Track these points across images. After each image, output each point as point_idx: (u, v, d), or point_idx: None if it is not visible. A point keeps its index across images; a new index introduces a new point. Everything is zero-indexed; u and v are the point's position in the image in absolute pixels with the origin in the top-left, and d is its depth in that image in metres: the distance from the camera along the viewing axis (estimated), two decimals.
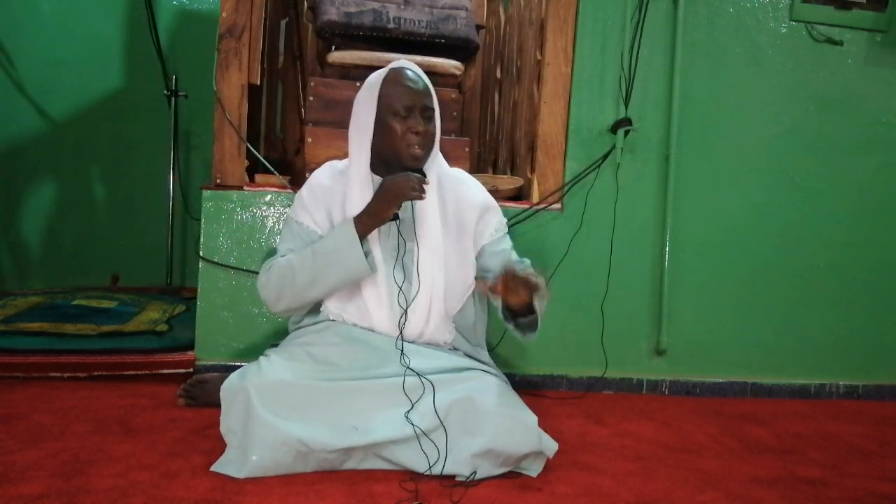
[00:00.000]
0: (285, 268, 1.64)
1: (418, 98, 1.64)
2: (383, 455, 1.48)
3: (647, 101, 2.30)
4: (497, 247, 1.75)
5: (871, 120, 2.45)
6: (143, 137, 3.39)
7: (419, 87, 1.65)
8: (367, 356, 1.60)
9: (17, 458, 1.42)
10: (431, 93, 1.68)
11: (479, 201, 1.76)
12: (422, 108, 1.64)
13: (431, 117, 1.67)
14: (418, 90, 1.65)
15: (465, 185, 1.77)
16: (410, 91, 1.64)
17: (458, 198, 1.74)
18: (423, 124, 1.64)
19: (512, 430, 1.45)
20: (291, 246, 1.70)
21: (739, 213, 2.39)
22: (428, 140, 1.66)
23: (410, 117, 1.63)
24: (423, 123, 1.64)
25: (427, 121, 1.65)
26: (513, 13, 2.70)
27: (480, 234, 1.75)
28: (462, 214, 1.73)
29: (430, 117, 1.66)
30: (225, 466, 1.42)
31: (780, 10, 2.37)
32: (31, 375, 1.98)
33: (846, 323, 2.47)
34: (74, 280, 3.26)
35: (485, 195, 1.79)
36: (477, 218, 1.74)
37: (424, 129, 1.64)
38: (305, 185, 1.75)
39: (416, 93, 1.64)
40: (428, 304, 1.66)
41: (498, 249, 1.75)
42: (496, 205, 1.81)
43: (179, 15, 3.42)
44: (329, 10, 2.30)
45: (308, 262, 1.62)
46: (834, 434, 2.04)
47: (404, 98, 1.63)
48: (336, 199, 1.69)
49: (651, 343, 2.36)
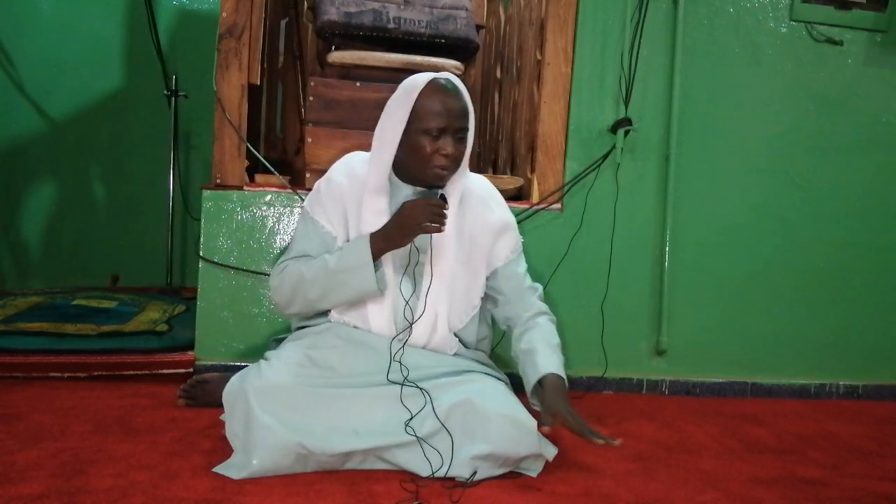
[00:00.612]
0: (297, 278, 1.62)
1: (453, 119, 1.55)
2: (384, 457, 1.48)
3: (647, 101, 2.30)
4: (511, 270, 1.73)
5: (871, 120, 2.45)
6: (143, 137, 3.39)
7: (456, 108, 1.56)
8: (367, 360, 1.59)
9: (17, 458, 1.42)
10: (468, 112, 1.60)
11: (498, 223, 1.70)
12: (455, 129, 1.56)
13: (464, 138, 1.59)
14: (455, 111, 1.56)
15: (485, 206, 1.70)
16: (446, 111, 1.55)
17: (477, 218, 1.69)
18: (454, 146, 1.57)
19: (512, 434, 1.45)
20: (305, 247, 1.66)
21: (739, 213, 2.39)
22: (456, 162, 1.59)
23: (442, 138, 1.56)
24: (453, 145, 1.57)
25: (459, 142, 1.58)
26: (513, 13, 2.70)
27: (496, 257, 1.71)
28: (478, 235, 1.69)
29: (462, 138, 1.59)
30: (227, 469, 1.42)
31: (780, 10, 2.37)
32: (31, 375, 1.98)
33: (846, 323, 2.47)
34: (74, 280, 3.26)
35: (504, 215, 1.73)
36: (493, 240, 1.70)
37: (454, 151, 1.57)
38: (323, 180, 1.71)
39: (452, 113, 1.56)
40: (433, 322, 1.65)
41: (511, 273, 1.73)
42: (514, 224, 1.75)
43: (179, 15, 3.42)
44: (329, 10, 2.30)
45: (320, 277, 1.60)
46: (834, 434, 2.04)
47: (439, 119, 1.54)
48: (352, 202, 1.65)
49: (651, 343, 2.36)
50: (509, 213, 1.76)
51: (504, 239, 1.72)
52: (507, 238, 1.72)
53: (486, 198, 1.72)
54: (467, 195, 1.69)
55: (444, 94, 1.56)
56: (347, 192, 1.66)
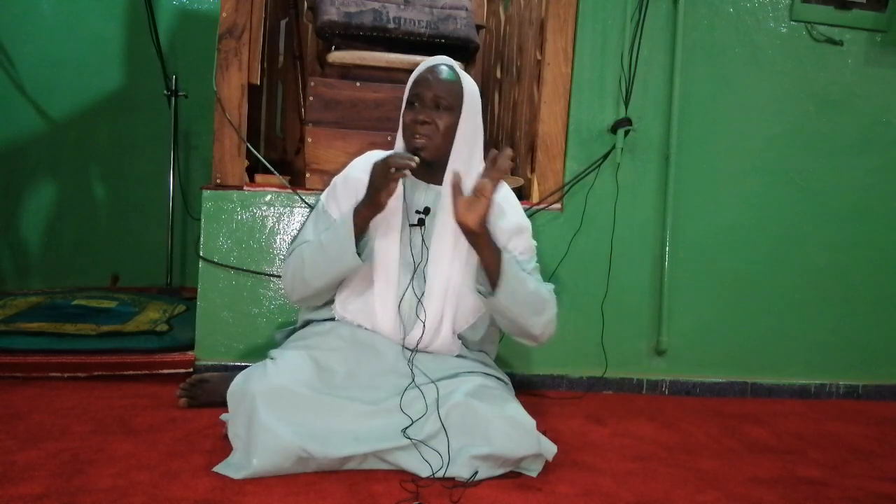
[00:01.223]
0: (297, 260, 1.65)
1: (430, 88, 1.59)
2: (385, 458, 1.47)
3: (647, 101, 2.30)
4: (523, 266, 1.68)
5: (871, 120, 2.45)
6: (143, 137, 3.38)
7: (434, 80, 1.59)
8: (371, 363, 1.59)
9: (17, 458, 1.42)
10: (454, 88, 1.60)
11: (510, 227, 1.66)
12: (432, 97, 1.59)
13: (445, 108, 1.59)
14: (432, 80, 1.59)
15: (499, 210, 1.65)
16: (423, 81, 1.60)
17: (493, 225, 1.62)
18: (428, 113, 1.59)
19: (511, 435, 1.45)
20: (310, 235, 1.69)
21: (739, 213, 2.39)
22: (433, 131, 1.59)
23: (418, 107, 1.60)
24: (427, 113, 1.59)
25: (436, 111, 1.59)
26: (513, 13, 2.70)
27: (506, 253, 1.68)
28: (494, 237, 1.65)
29: (443, 108, 1.59)
30: (226, 468, 1.42)
31: (780, 10, 2.37)
32: (31, 375, 1.98)
33: (846, 323, 2.47)
34: (74, 280, 3.26)
35: (518, 219, 1.70)
36: (506, 240, 1.66)
37: (429, 119, 1.58)
38: (342, 174, 1.73)
39: (429, 82, 1.59)
40: (437, 324, 1.65)
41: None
42: (528, 227, 1.72)
43: (179, 15, 3.42)
44: (329, 10, 2.30)
45: (313, 254, 1.62)
46: (834, 434, 2.04)
47: (416, 87, 1.61)
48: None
49: (651, 343, 2.36)
50: (524, 217, 1.73)
51: (515, 240, 1.68)
52: (519, 240, 1.68)
53: (500, 202, 1.68)
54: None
55: (428, 70, 1.62)
56: (364, 187, 1.64)
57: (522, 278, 1.59)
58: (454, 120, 1.61)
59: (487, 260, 1.56)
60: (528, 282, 1.60)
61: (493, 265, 1.56)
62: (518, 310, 1.59)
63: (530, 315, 1.60)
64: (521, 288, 1.57)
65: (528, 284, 1.60)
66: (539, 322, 1.62)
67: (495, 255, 1.55)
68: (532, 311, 1.60)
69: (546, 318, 1.63)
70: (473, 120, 1.65)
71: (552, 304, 1.65)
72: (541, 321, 1.62)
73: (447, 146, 1.62)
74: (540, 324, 1.62)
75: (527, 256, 1.70)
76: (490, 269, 1.57)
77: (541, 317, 1.62)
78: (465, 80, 1.65)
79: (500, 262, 1.55)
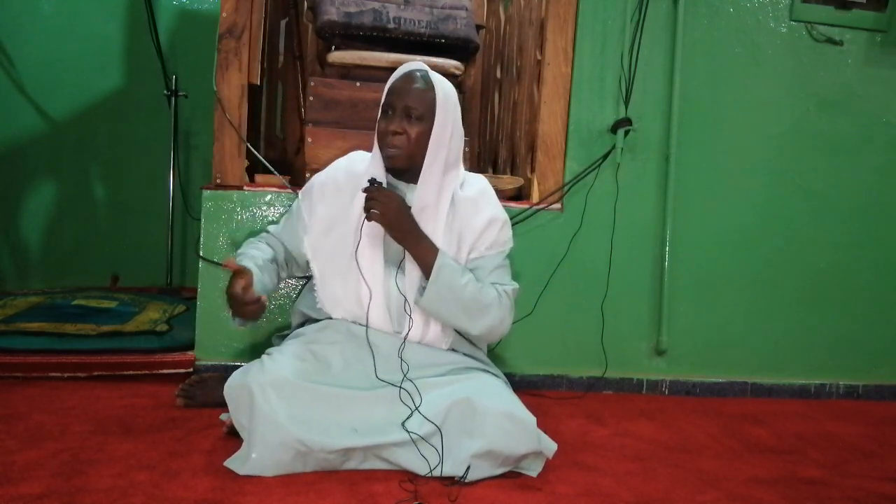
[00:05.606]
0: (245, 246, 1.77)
1: (401, 98, 1.58)
2: (383, 456, 1.48)
3: (647, 101, 2.30)
4: (482, 262, 1.67)
5: (871, 120, 2.45)
6: (143, 137, 3.38)
7: (406, 88, 1.59)
8: (366, 356, 1.60)
9: (17, 458, 1.42)
10: (424, 96, 1.59)
11: (483, 222, 1.66)
12: (404, 107, 1.58)
13: (416, 119, 1.58)
14: (404, 89, 1.59)
15: (475, 205, 1.67)
16: (395, 90, 1.60)
17: (465, 218, 1.66)
18: (399, 124, 1.58)
19: (511, 431, 1.45)
20: (280, 230, 1.80)
21: (739, 213, 2.39)
22: (404, 142, 1.58)
23: (390, 116, 1.60)
24: (398, 123, 1.58)
25: (408, 121, 1.59)
26: (513, 13, 2.70)
27: (475, 249, 1.67)
28: (465, 235, 1.66)
29: (415, 118, 1.58)
30: (233, 462, 1.43)
31: (780, 10, 2.37)
32: (31, 375, 1.98)
33: (846, 323, 2.47)
34: (74, 280, 3.26)
35: (493, 212, 1.69)
36: (478, 235, 1.66)
37: (401, 130, 1.58)
38: (324, 172, 1.75)
39: (401, 92, 1.59)
40: (426, 317, 1.65)
41: (481, 265, 1.66)
42: (502, 220, 1.70)
43: (179, 15, 3.42)
44: (329, 10, 2.30)
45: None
46: (834, 434, 2.04)
47: (388, 97, 1.61)
48: (345, 196, 1.68)
49: (651, 343, 2.36)
50: (500, 210, 1.72)
51: (487, 233, 1.67)
52: (490, 232, 1.67)
53: (476, 198, 1.69)
54: (460, 203, 1.67)
55: (401, 78, 1.62)
56: (343, 187, 1.69)
57: (456, 284, 1.59)
58: (426, 127, 1.61)
59: (418, 261, 1.61)
60: (466, 287, 1.60)
61: (424, 267, 1.61)
62: (449, 313, 1.62)
63: (465, 319, 1.62)
64: (451, 294, 1.59)
65: (465, 290, 1.60)
66: (477, 325, 1.63)
67: (429, 256, 1.59)
68: (467, 316, 1.62)
69: (487, 323, 1.63)
70: (449, 125, 1.63)
71: (497, 307, 1.64)
72: (479, 325, 1.63)
73: (420, 152, 1.62)
74: (478, 327, 1.64)
75: (493, 252, 1.69)
76: (423, 270, 1.61)
77: (478, 321, 1.63)
78: (439, 85, 1.63)
79: (434, 265, 1.58)
